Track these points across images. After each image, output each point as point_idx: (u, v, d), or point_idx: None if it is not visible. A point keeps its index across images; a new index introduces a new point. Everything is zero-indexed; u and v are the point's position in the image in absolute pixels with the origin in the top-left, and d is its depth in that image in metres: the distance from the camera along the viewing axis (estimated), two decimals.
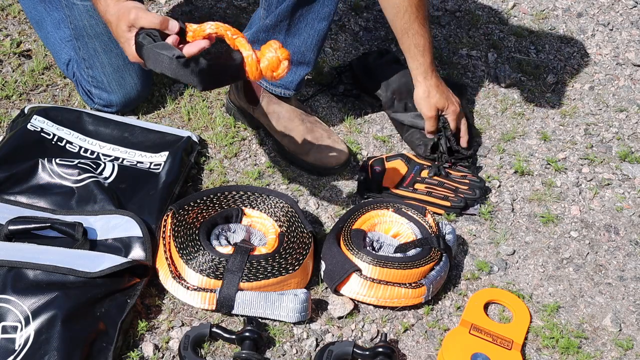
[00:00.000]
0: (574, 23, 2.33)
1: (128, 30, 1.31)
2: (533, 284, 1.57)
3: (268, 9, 1.63)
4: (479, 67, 2.12)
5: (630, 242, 1.67)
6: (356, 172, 1.75)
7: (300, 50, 1.66)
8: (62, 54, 1.79)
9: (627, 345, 1.45)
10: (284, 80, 1.71)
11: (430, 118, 1.74)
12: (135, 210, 1.51)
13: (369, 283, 1.43)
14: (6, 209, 1.46)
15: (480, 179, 1.73)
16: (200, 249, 1.42)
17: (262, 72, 1.30)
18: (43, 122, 1.65)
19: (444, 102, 1.73)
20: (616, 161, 1.87)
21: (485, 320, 1.45)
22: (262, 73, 1.30)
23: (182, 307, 1.43)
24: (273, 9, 1.61)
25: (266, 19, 1.63)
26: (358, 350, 1.34)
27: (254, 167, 1.74)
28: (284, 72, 1.31)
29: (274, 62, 1.30)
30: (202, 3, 2.20)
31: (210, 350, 1.36)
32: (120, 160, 1.64)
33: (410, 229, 1.55)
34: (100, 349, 1.29)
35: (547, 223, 1.69)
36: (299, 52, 1.66)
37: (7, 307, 1.27)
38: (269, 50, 1.31)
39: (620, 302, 1.55)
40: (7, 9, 2.06)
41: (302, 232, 1.50)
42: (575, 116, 2.00)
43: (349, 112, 1.92)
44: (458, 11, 2.31)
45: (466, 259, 1.60)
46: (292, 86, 1.73)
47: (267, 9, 1.63)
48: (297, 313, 1.40)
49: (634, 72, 2.16)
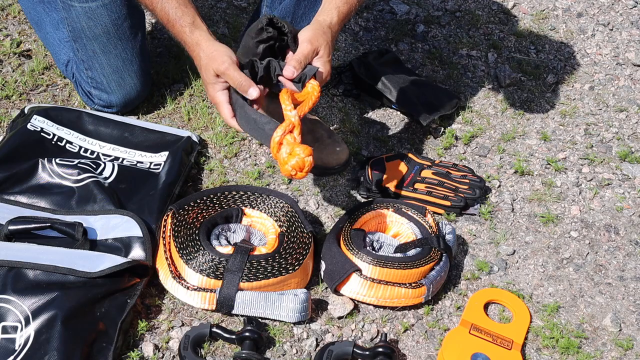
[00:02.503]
0: (574, 23, 2.33)
1: (215, 76, 1.39)
2: (533, 284, 1.57)
3: (271, 6, 1.63)
4: (479, 67, 2.12)
5: (630, 242, 1.67)
6: (356, 172, 1.76)
7: None
8: (61, 54, 1.79)
9: (627, 345, 1.45)
10: None
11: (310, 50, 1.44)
12: (135, 210, 1.51)
13: (369, 283, 1.43)
14: (6, 209, 1.46)
15: (480, 179, 1.73)
16: (200, 249, 1.42)
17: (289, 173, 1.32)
18: (43, 122, 1.65)
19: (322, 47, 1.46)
20: (616, 161, 1.87)
21: (485, 320, 1.45)
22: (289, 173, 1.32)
23: (182, 307, 1.43)
24: (277, 5, 1.61)
25: None
26: (358, 350, 1.34)
27: (254, 167, 1.74)
28: (308, 170, 1.32)
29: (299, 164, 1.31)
30: (202, 3, 2.20)
31: (210, 350, 1.36)
32: (120, 160, 1.64)
33: (410, 229, 1.55)
34: (100, 349, 1.29)
35: (547, 223, 1.69)
36: None
37: (7, 307, 1.27)
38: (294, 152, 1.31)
39: (620, 302, 1.55)
40: (7, 9, 2.06)
41: (302, 232, 1.50)
42: (575, 116, 2.00)
43: (349, 112, 1.92)
44: (458, 11, 2.31)
45: (466, 259, 1.60)
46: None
47: (270, 5, 1.63)
48: (297, 313, 1.40)
49: (634, 72, 2.16)
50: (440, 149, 1.85)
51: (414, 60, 2.12)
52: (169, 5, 1.44)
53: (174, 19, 1.44)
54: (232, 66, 1.37)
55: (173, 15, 1.44)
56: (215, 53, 1.40)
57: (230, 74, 1.37)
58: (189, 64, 1.95)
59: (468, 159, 1.84)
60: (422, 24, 2.24)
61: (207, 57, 1.40)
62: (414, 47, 2.16)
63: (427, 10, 2.31)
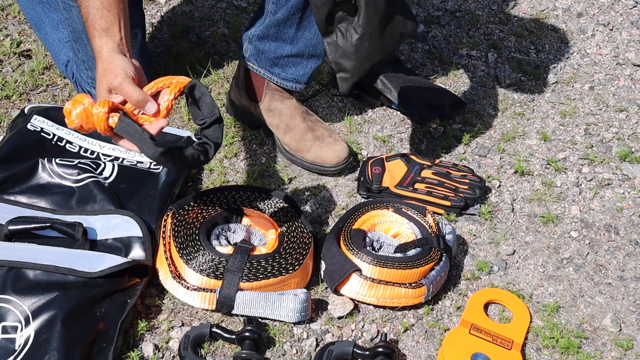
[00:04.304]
0: (574, 23, 2.33)
1: (107, 91, 1.25)
2: (533, 284, 1.57)
3: (277, 3, 1.62)
4: (479, 67, 2.12)
5: (630, 242, 1.67)
6: (356, 172, 1.76)
7: (312, 43, 1.66)
8: (60, 54, 1.79)
9: (627, 345, 1.45)
10: (295, 74, 1.71)
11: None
12: (135, 210, 1.51)
13: (369, 283, 1.43)
14: (6, 209, 1.46)
15: (480, 179, 1.73)
16: (200, 249, 1.42)
17: None
18: (43, 122, 1.65)
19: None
20: (616, 161, 1.87)
21: (485, 320, 1.45)
22: None
23: (182, 307, 1.43)
24: (284, 3, 1.61)
25: (277, 13, 1.63)
26: (358, 350, 1.34)
27: (254, 167, 1.74)
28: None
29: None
30: (202, 3, 2.20)
31: (210, 350, 1.36)
32: (120, 160, 1.64)
33: (410, 229, 1.55)
34: (100, 349, 1.29)
35: (547, 223, 1.69)
36: (310, 44, 1.66)
37: (7, 307, 1.27)
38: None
39: (620, 302, 1.55)
40: (7, 9, 2.06)
41: (302, 232, 1.50)
42: (575, 116, 2.00)
43: (349, 112, 1.92)
44: (458, 11, 2.31)
45: (466, 259, 1.60)
46: (303, 80, 1.73)
47: (277, 3, 1.62)
48: (297, 313, 1.39)
49: (634, 72, 2.16)
50: (440, 149, 1.85)
51: (414, 60, 2.12)
52: (92, 3, 1.32)
53: (92, 20, 1.31)
54: (126, 81, 1.22)
55: (92, 16, 1.32)
56: (112, 65, 1.24)
57: (125, 88, 1.22)
58: (189, 63, 1.95)
59: (468, 159, 1.84)
60: (422, 24, 2.24)
61: (102, 69, 1.26)
62: (414, 47, 2.16)
63: (427, 10, 2.31)
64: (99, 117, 1.19)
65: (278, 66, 1.71)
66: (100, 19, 1.31)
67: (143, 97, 1.23)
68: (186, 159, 1.24)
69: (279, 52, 1.68)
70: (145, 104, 1.23)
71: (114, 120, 1.20)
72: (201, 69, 1.94)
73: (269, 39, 1.67)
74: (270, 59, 1.70)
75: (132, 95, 1.23)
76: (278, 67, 1.71)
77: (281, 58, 1.69)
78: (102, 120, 1.19)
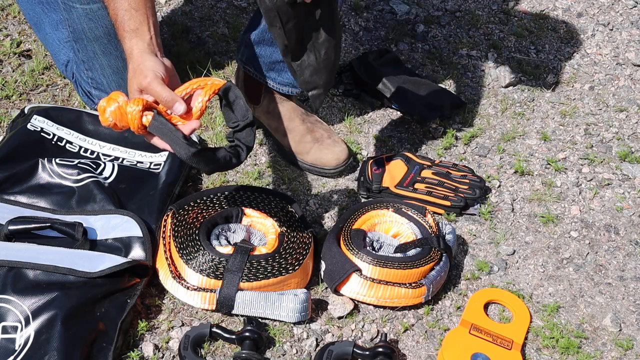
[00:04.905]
0: (574, 23, 2.33)
1: (138, 91, 1.26)
2: (533, 284, 1.57)
3: None
4: (479, 67, 2.12)
5: (630, 242, 1.67)
6: (356, 172, 1.75)
7: None
8: (60, 55, 1.79)
9: (627, 345, 1.45)
10: (291, 79, 1.71)
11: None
12: (135, 210, 1.51)
13: (369, 283, 1.43)
14: (6, 209, 1.46)
15: (480, 179, 1.73)
16: (200, 249, 1.42)
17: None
18: (43, 122, 1.65)
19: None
20: (616, 161, 1.87)
21: (485, 320, 1.45)
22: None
23: (182, 307, 1.43)
24: None
25: None
26: (358, 350, 1.34)
27: (254, 167, 1.74)
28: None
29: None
30: (202, 3, 2.20)
31: (210, 350, 1.36)
32: (120, 160, 1.64)
33: (410, 229, 1.55)
34: (100, 349, 1.29)
35: (547, 223, 1.69)
36: None
37: (7, 307, 1.27)
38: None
39: (620, 302, 1.55)
40: (7, 9, 2.06)
41: (302, 232, 1.50)
42: (575, 116, 2.00)
43: (349, 112, 1.92)
44: (458, 11, 2.31)
45: (466, 259, 1.60)
46: None
47: None
48: (297, 313, 1.39)
49: (634, 72, 2.16)
50: (440, 149, 1.85)
51: (414, 60, 2.12)
52: (120, 5, 1.33)
53: (121, 21, 1.33)
54: (156, 81, 1.23)
55: (120, 17, 1.34)
56: (141, 66, 1.25)
57: (154, 88, 1.23)
58: (189, 63, 1.95)
59: (468, 159, 1.84)
60: (422, 24, 2.24)
61: (132, 70, 1.27)
62: (414, 47, 2.16)
63: (427, 10, 2.31)
64: (133, 115, 1.20)
65: (274, 71, 1.71)
66: (129, 20, 1.32)
67: (172, 97, 1.23)
68: (218, 161, 1.24)
69: (275, 56, 1.68)
70: (174, 104, 1.24)
71: (148, 119, 1.21)
72: (201, 69, 1.94)
73: (264, 44, 1.67)
74: (266, 64, 1.70)
75: (161, 95, 1.23)
76: (274, 72, 1.71)
77: (277, 63, 1.69)
78: (136, 118, 1.20)
